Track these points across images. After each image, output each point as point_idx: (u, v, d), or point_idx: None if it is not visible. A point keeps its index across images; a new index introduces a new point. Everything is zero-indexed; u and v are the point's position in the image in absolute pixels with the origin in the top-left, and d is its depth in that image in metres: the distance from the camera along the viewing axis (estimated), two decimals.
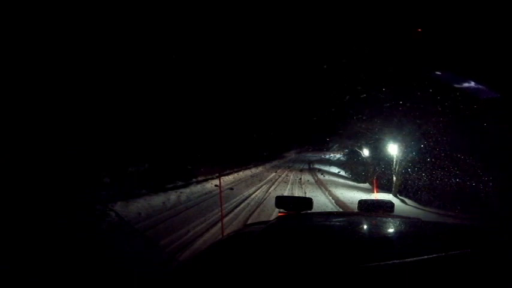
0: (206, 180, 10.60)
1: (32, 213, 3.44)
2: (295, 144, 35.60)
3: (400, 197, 9.35)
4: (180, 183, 9.20)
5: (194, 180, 10.23)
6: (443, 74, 5.89)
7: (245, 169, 16.24)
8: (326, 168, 20.01)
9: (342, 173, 17.73)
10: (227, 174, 13.03)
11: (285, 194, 9.26)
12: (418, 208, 8.02)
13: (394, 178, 9.80)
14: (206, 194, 8.75)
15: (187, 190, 8.52)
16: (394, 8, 5.74)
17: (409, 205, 8.45)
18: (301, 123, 22.71)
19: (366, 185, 12.67)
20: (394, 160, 9.67)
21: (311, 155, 31.97)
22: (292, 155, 34.18)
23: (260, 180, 12.79)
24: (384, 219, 1.50)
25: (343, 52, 8.48)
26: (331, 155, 28.12)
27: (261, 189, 10.20)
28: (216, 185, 9.16)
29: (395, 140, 9.22)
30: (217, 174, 10.88)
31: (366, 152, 13.15)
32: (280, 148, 29.98)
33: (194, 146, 11.79)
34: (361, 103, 9.32)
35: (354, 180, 14.76)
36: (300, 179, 14.15)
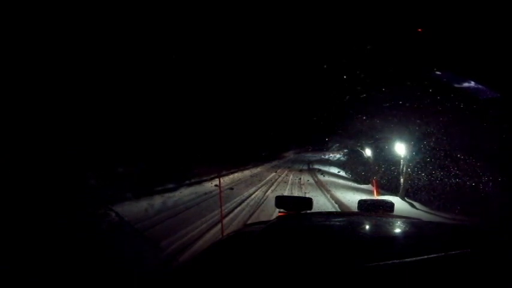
0: (200, 182, 10.06)
1: (32, 213, 3.44)
2: (295, 144, 35.61)
3: (408, 201, 8.67)
4: (170, 185, 8.48)
5: (187, 182, 9.57)
6: (443, 74, 5.89)
7: (244, 169, 16.04)
8: (326, 168, 19.85)
9: (342, 173, 17.45)
10: (225, 175, 12.65)
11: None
12: (430, 213, 7.34)
13: (402, 180, 9.06)
14: (198, 197, 7.96)
15: (177, 193, 7.93)
16: (394, 8, 5.75)
17: (419, 209, 7.74)
18: (301, 123, 22.73)
19: (368, 186, 12.08)
20: (402, 160, 8.99)
21: (310, 155, 31.95)
22: (291, 155, 34.16)
23: (260, 181, 12.77)
24: (384, 219, 1.50)
25: (343, 52, 8.49)
26: (331, 155, 28.16)
27: (260, 190, 10.15)
28: (216, 185, 9.12)
29: (402, 139, 8.60)
30: (213, 176, 10.70)
31: (368, 152, 12.81)
32: (279, 148, 29.95)
33: (191, 146, 11.49)
34: (362, 103, 9.15)
35: (354, 181, 14.31)
36: (300, 179, 14.09)
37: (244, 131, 18.02)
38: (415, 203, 8.40)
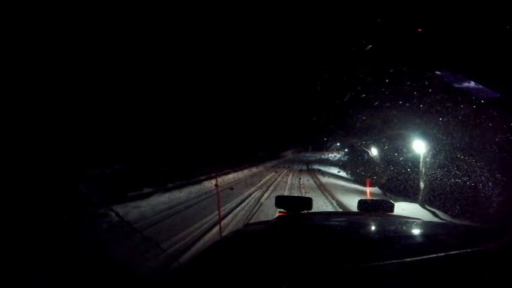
0: (181, 186, 8.54)
1: (32, 212, 3.44)
2: (295, 143, 35.65)
3: (430, 208, 7.30)
4: (148, 189, 7.04)
5: (170, 185, 8.19)
6: (443, 74, 5.90)
7: (239, 170, 14.82)
8: (326, 168, 19.31)
9: (343, 174, 16.82)
10: (216, 177, 10.97)
11: None
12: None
13: (421, 183, 7.73)
14: (170, 208, 6.31)
15: (145, 203, 6.24)
16: (394, 8, 5.76)
17: (443, 219, 6.43)
18: (301, 123, 22.74)
19: (375, 189, 10.54)
20: (421, 160, 7.75)
21: (310, 155, 31.95)
22: (290, 154, 34.09)
23: (259, 180, 12.55)
24: (384, 219, 1.50)
25: (343, 52, 8.50)
26: (330, 155, 28.16)
27: (258, 191, 9.62)
28: (215, 185, 8.93)
29: (422, 135, 7.33)
30: (202, 178, 9.90)
31: (374, 151, 11.80)
32: (278, 148, 29.82)
33: (181, 145, 10.69)
34: (366, 98, 8.57)
35: (357, 183, 13.01)
36: (300, 179, 13.80)
37: (241, 129, 17.59)
38: (437, 212, 7.03)
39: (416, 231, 1.26)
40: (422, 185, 7.73)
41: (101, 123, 7.57)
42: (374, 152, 11.88)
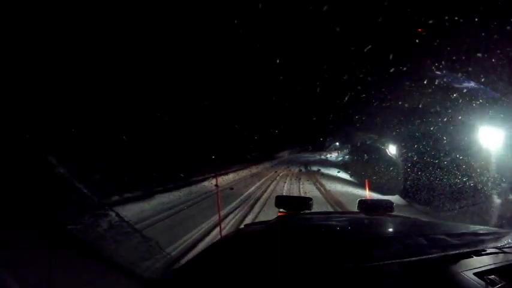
0: (122, 202, 6.20)
1: (32, 211, 3.42)
2: (294, 143, 35.50)
3: None
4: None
5: (118, 197, 6.34)
6: (443, 73, 5.89)
7: (226, 174, 12.63)
8: (327, 171, 16.78)
9: (346, 176, 14.66)
10: (194, 183, 9.24)
11: None
12: None
13: (495, 197, 4.90)
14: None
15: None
16: (394, 8, 5.76)
17: None
18: (301, 123, 22.61)
19: (396, 198, 8.40)
20: (493, 159, 5.03)
21: (309, 155, 31.62)
22: (288, 155, 33.71)
23: (255, 182, 11.68)
24: (384, 219, 1.51)
25: (343, 51, 8.49)
26: (328, 155, 27.83)
27: (246, 204, 7.34)
28: (215, 185, 8.55)
29: (496, 121, 4.74)
30: (160, 188, 7.82)
31: (392, 150, 9.65)
32: (277, 148, 29.11)
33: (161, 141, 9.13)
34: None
35: (362, 186, 10.41)
36: (300, 179, 12.66)
37: (238, 129, 16.34)
38: None
39: (416, 231, 1.26)
40: (497, 199, 4.66)
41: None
42: (392, 150, 9.71)
